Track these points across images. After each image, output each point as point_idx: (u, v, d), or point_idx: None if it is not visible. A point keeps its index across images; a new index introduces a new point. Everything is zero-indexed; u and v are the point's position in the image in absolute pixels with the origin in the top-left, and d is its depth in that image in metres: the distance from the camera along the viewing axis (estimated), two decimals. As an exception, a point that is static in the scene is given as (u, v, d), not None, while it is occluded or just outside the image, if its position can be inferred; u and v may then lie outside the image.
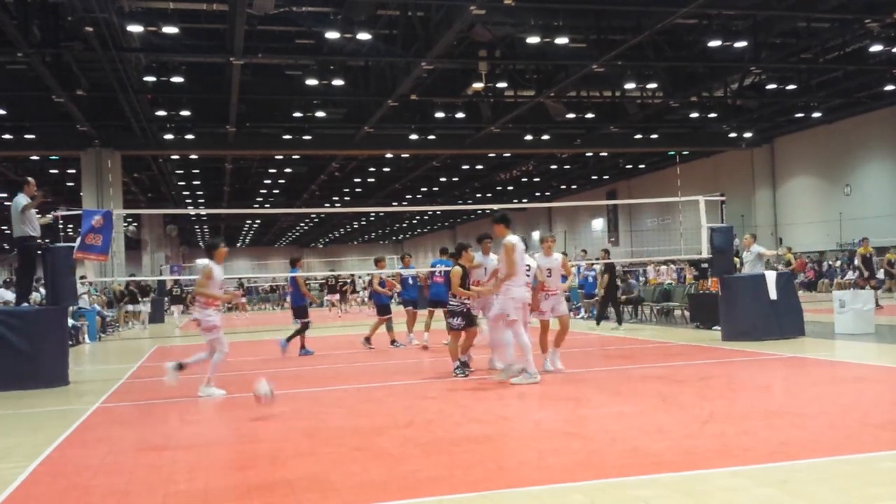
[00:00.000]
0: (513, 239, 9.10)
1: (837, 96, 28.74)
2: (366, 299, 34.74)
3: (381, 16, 20.59)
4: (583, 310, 20.94)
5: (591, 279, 19.92)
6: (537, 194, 53.72)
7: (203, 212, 60.98)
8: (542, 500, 4.35)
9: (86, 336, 19.17)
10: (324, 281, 37.78)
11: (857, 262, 21.40)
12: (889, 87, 27.37)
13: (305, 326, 13.70)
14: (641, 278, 27.02)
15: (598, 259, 19.54)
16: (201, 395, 8.88)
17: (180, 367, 8.92)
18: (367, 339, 14.03)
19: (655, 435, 5.84)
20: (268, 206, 52.97)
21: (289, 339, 13.59)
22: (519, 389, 8.51)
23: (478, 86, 25.28)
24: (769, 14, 20.58)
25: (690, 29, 22.41)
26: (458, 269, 9.94)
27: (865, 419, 6.15)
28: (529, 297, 9.35)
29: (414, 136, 32.12)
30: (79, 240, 11.23)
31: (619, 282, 19.48)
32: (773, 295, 12.60)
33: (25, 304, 11.05)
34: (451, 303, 9.93)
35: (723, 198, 20.41)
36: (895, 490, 4.31)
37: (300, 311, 13.77)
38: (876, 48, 22.78)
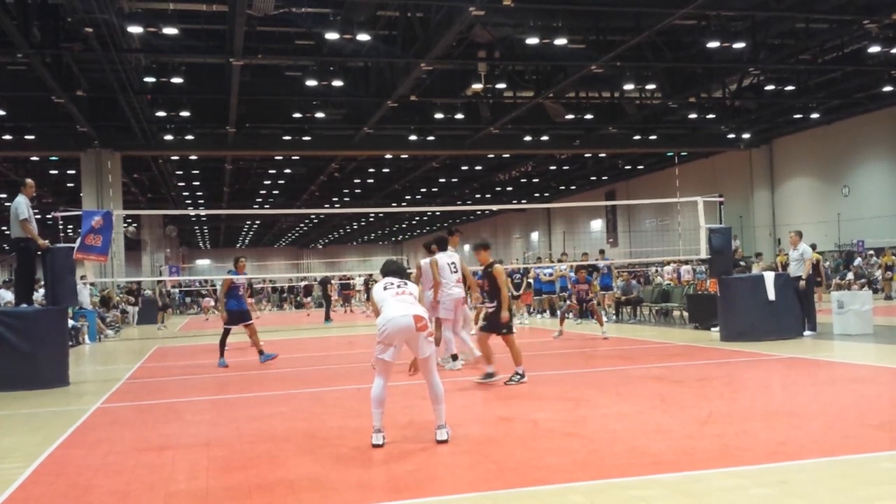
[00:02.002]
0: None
1: (836, 97, 28.77)
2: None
3: (381, 17, 20.60)
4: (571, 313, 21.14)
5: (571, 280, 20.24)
6: (536, 195, 53.75)
7: (203, 212, 60.96)
8: (542, 500, 4.37)
9: (86, 336, 19.18)
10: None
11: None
12: (887, 88, 27.40)
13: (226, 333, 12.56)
14: (660, 279, 27.02)
15: (580, 261, 20.35)
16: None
17: None
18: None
19: (655, 435, 5.86)
20: (267, 206, 52.98)
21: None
22: (516, 390, 8.54)
23: (477, 87, 25.32)
24: (768, 15, 20.59)
25: (689, 30, 22.44)
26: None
27: (864, 420, 6.17)
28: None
29: (413, 137, 32.16)
30: (79, 240, 11.24)
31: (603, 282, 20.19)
32: (771, 296, 12.63)
33: (25, 305, 11.03)
34: None
35: (721, 199, 20.42)
36: (893, 490, 4.33)
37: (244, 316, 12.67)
38: (874, 49, 22.80)
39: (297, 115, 28.36)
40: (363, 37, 19.76)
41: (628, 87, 26.42)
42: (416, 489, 4.69)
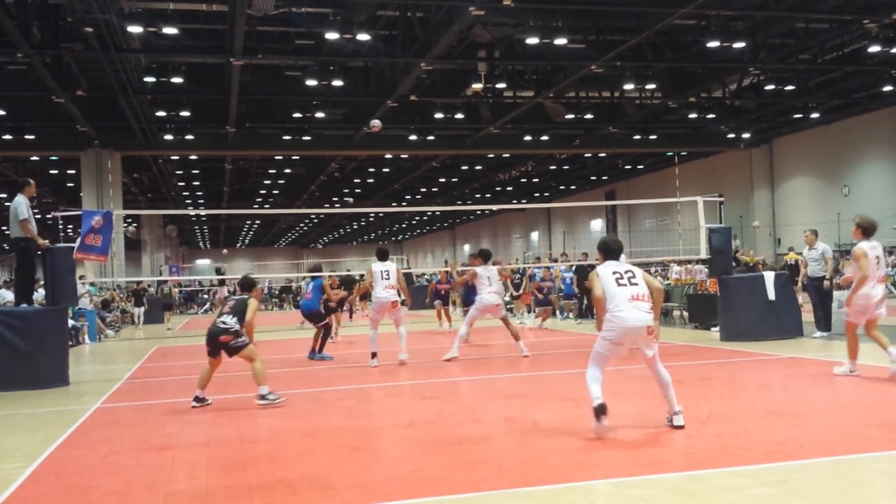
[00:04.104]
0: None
1: (836, 97, 28.77)
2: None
3: (381, 16, 20.61)
4: (565, 311, 21.29)
5: (568, 280, 20.40)
6: (536, 195, 53.76)
7: (203, 212, 60.97)
8: (542, 500, 4.37)
9: (86, 336, 19.18)
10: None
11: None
12: (887, 88, 27.39)
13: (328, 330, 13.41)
14: (659, 278, 27.05)
15: (578, 261, 20.84)
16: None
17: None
18: None
19: (655, 435, 5.86)
20: (267, 206, 53.00)
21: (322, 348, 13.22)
22: (516, 389, 8.53)
23: (477, 86, 25.31)
24: (768, 15, 20.59)
25: (689, 30, 22.44)
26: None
27: (864, 419, 6.17)
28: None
29: (413, 137, 32.16)
30: (79, 240, 11.24)
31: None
32: (771, 295, 12.62)
33: (25, 305, 11.03)
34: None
35: (721, 198, 20.41)
36: (893, 490, 4.33)
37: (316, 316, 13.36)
38: (874, 49, 22.79)
39: (297, 115, 28.37)
40: (363, 37, 19.76)
41: (628, 86, 26.41)
42: (416, 489, 4.69)
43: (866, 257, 8.02)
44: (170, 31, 19.46)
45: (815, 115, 31.63)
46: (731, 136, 34.83)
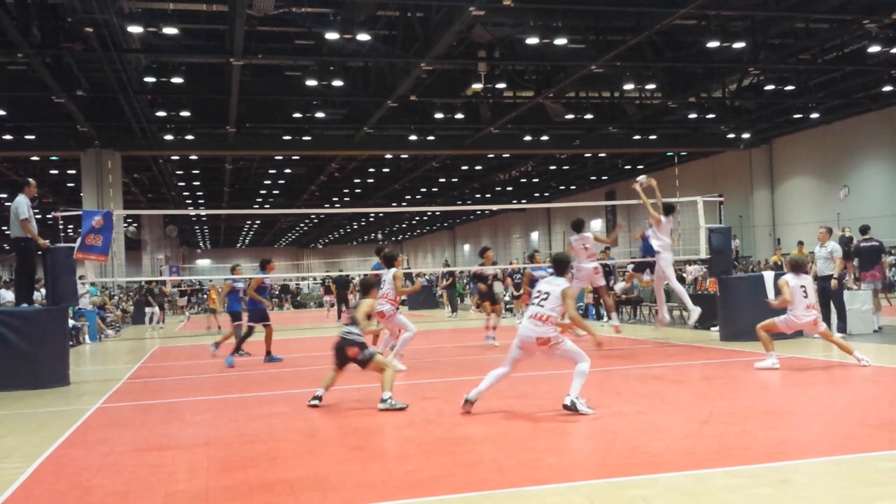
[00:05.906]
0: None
1: (835, 97, 28.76)
2: None
3: (381, 16, 20.61)
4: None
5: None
6: (536, 195, 53.77)
7: (203, 212, 60.99)
8: (542, 500, 4.37)
9: (86, 336, 19.19)
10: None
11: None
12: (887, 88, 27.38)
13: (249, 332, 13.02)
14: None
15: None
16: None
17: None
18: None
19: (655, 435, 5.86)
20: (267, 206, 53.01)
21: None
22: (517, 389, 8.53)
23: (477, 86, 25.31)
24: (767, 15, 20.60)
25: (689, 30, 22.43)
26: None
27: (864, 419, 6.17)
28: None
29: (413, 137, 32.17)
30: (79, 240, 11.24)
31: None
32: (771, 296, 12.60)
33: (25, 305, 11.03)
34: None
35: (721, 198, 20.45)
36: (893, 490, 4.33)
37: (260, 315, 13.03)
38: (874, 49, 22.77)
39: (297, 115, 28.37)
40: (363, 37, 19.76)
41: (628, 86, 26.40)
42: (416, 489, 4.69)
43: (788, 286, 9.36)
44: (170, 31, 19.45)
45: (815, 115, 31.60)
46: (731, 136, 34.83)
